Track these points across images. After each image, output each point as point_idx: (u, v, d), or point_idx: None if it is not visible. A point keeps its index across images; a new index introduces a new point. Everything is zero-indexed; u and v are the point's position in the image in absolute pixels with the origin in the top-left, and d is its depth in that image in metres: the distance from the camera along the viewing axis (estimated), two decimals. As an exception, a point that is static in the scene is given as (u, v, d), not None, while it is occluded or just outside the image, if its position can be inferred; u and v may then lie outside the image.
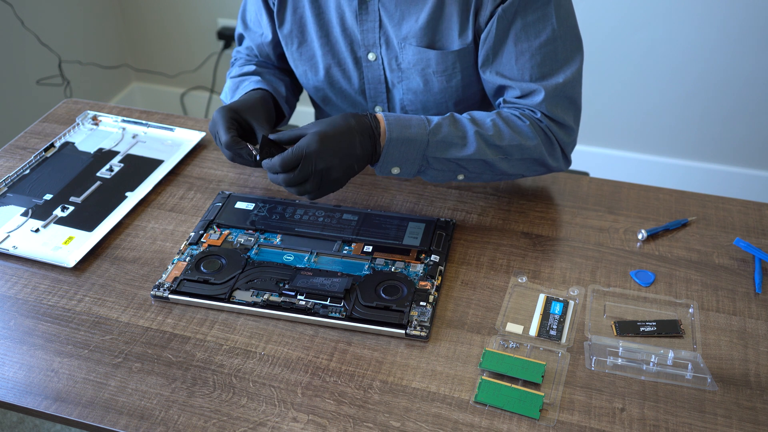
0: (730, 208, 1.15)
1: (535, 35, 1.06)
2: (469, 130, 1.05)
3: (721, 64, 2.24)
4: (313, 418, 0.84)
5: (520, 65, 1.08)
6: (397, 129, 1.02)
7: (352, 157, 1.00)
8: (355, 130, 1.00)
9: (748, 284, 1.02)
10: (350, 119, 1.01)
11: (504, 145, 1.06)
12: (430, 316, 0.95)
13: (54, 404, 0.86)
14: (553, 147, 1.11)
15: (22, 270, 1.04)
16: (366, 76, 1.22)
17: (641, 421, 0.84)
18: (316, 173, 0.99)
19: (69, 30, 2.52)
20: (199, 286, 0.99)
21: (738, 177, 2.42)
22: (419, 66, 1.16)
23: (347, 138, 0.99)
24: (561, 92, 1.09)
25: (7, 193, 1.17)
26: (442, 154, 1.04)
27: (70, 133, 1.32)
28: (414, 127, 1.03)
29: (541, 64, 1.07)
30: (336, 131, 0.99)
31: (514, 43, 1.07)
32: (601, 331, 0.95)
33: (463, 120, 1.06)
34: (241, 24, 1.32)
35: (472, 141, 1.04)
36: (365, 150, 1.01)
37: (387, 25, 1.15)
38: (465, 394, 0.87)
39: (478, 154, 1.05)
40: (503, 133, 1.06)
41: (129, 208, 1.14)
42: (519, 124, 1.08)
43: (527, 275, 1.03)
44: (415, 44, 1.14)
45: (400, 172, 1.05)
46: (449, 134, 1.04)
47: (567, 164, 1.16)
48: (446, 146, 1.04)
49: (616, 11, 2.23)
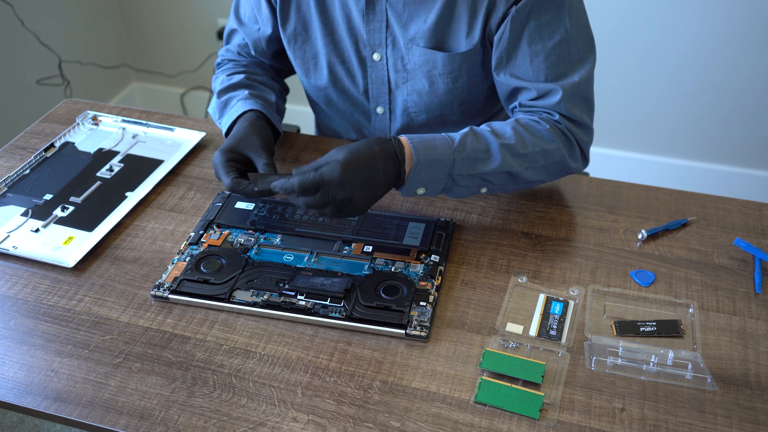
0: (730, 208, 1.15)
1: (549, 36, 1.06)
2: (492, 142, 1.03)
3: (721, 64, 2.24)
4: (313, 418, 0.84)
5: (534, 66, 1.08)
6: (424, 151, 1.00)
7: (374, 184, 0.97)
8: (379, 157, 0.97)
9: (748, 284, 1.02)
10: (374, 146, 0.98)
11: (528, 153, 1.05)
12: (430, 316, 0.95)
13: (54, 404, 0.86)
14: (573, 148, 1.10)
15: (22, 270, 1.04)
16: (370, 76, 1.22)
17: (641, 421, 0.84)
18: (335, 201, 0.96)
19: (69, 30, 2.52)
20: (199, 286, 0.99)
21: (738, 177, 2.42)
22: (425, 67, 1.16)
23: (371, 166, 0.96)
24: (577, 91, 1.09)
25: (7, 193, 1.17)
26: (468, 171, 1.02)
27: (70, 133, 1.32)
28: (439, 148, 1.00)
29: (556, 64, 1.07)
30: (360, 160, 0.96)
31: (528, 44, 1.07)
32: (601, 331, 0.95)
33: (485, 133, 1.05)
34: (234, 20, 1.29)
35: (497, 153, 1.03)
36: (389, 176, 0.99)
37: (394, 26, 1.14)
38: (465, 394, 0.87)
39: (504, 166, 1.04)
40: (525, 141, 1.05)
41: (129, 208, 1.14)
42: (539, 128, 1.07)
43: (527, 275, 1.03)
44: (423, 45, 1.14)
45: (426, 191, 1.03)
46: (473, 150, 1.02)
47: (585, 164, 1.15)
48: (472, 162, 1.02)
49: (616, 11, 2.23)
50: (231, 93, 1.21)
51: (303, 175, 0.96)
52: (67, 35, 2.51)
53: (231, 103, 1.19)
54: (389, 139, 1.00)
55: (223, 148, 1.08)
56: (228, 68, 1.28)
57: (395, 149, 0.99)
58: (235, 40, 1.31)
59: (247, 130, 1.11)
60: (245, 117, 1.14)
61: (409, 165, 0.99)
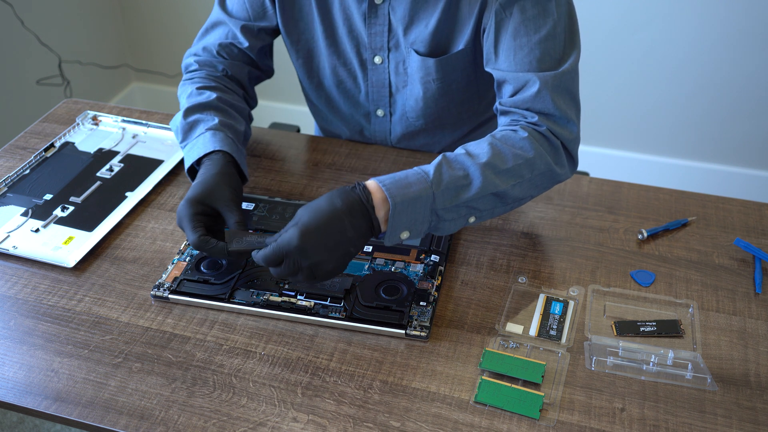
0: (730, 208, 1.15)
1: (535, 30, 1.03)
2: (469, 165, 0.95)
3: (721, 64, 2.24)
4: (313, 418, 0.84)
5: (518, 60, 1.04)
6: (398, 192, 0.91)
7: (343, 243, 0.89)
8: (343, 212, 0.89)
9: (748, 284, 1.02)
10: (336, 201, 0.90)
11: (510, 167, 0.97)
12: (430, 316, 0.95)
13: (54, 404, 0.86)
14: (558, 152, 1.03)
15: (22, 270, 1.04)
16: (370, 79, 1.21)
17: (641, 421, 0.84)
18: (303, 269, 0.89)
19: (69, 30, 2.52)
20: (199, 286, 0.99)
21: (738, 177, 2.42)
22: (420, 73, 1.15)
23: (334, 225, 0.89)
24: (561, 83, 1.03)
25: (7, 193, 1.17)
26: (452, 202, 0.94)
27: (70, 133, 1.32)
28: (414, 185, 0.92)
29: (541, 59, 1.03)
30: (320, 221, 0.88)
31: (513, 37, 1.04)
32: (601, 331, 0.95)
33: (459, 157, 0.97)
34: (220, 12, 1.21)
35: (477, 176, 0.95)
36: (359, 230, 0.90)
37: (396, 29, 1.13)
38: (465, 394, 0.87)
39: (488, 188, 0.95)
40: (505, 155, 0.98)
41: (129, 208, 1.14)
42: (516, 138, 1.00)
43: (527, 275, 1.03)
44: (422, 50, 1.13)
45: (411, 234, 0.94)
46: (451, 178, 0.94)
47: (573, 167, 1.07)
48: (453, 192, 0.94)
49: (616, 11, 2.23)
50: (199, 115, 1.11)
51: (265, 249, 0.90)
52: (67, 35, 2.51)
53: (198, 128, 1.10)
54: (353, 188, 0.92)
55: (191, 198, 0.98)
56: (199, 78, 1.19)
57: (361, 198, 0.90)
58: (217, 34, 1.22)
59: (216, 179, 1.00)
60: (214, 161, 1.04)
61: (384, 209, 0.91)
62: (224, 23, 1.22)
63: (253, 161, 1.26)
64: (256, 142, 1.31)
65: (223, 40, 1.21)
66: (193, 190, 0.99)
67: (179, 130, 1.12)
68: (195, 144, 1.08)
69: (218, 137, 1.07)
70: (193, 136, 1.09)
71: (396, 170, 1.23)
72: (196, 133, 1.09)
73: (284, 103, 2.73)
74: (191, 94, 1.15)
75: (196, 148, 1.07)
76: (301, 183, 1.21)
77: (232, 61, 1.22)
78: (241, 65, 1.23)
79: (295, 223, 0.90)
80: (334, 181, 1.21)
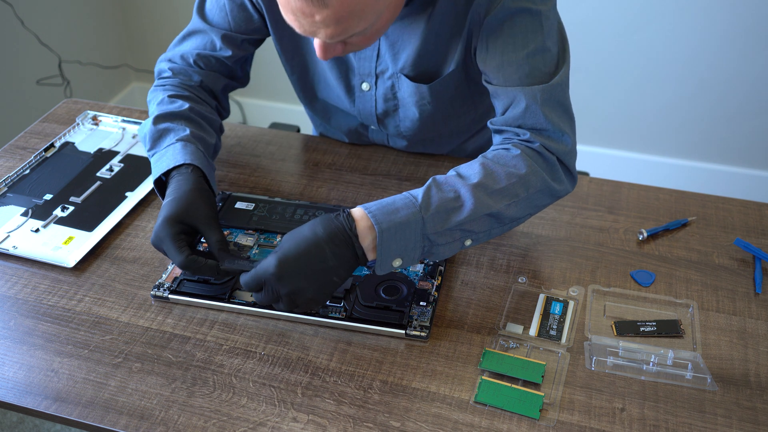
0: (730, 208, 1.15)
1: (523, 46, 0.99)
2: (460, 187, 0.93)
3: (721, 64, 2.24)
4: (313, 418, 0.84)
5: (507, 75, 1.01)
6: (385, 218, 0.88)
7: (324, 271, 0.88)
8: (324, 241, 0.87)
9: (748, 284, 1.02)
10: (318, 229, 0.88)
11: (504, 187, 0.95)
12: (430, 316, 0.95)
13: (54, 404, 0.86)
14: (554, 168, 0.99)
15: (22, 270, 1.04)
16: (357, 106, 1.20)
17: (641, 421, 0.84)
18: (282, 296, 0.88)
19: (69, 30, 2.52)
20: (199, 286, 0.99)
21: (738, 177, 2.42)
22: (414, 98, 1.13)
23: (313, 255, 0.87)
24: (550, 96, 1.00)
25: (7, 193, 1.17)
26: (443, 226, 0.91)
27: (70, 133, 1.32)
28: (402, 210, 0.89)
29: (530, 74, 1.00)
30: (299, 250, 0.87)
31: (501, 53, 1.01)
32: (601, 331, 0.95)
33: (450, 179, 0.95)
34: (199, 21, 1.16)
35: (468, 197, 0.92)
36: (341, 259, 0.88)
37: (385, 55, 1.11)
38: (465, 394, 0.87)
39: (481, 209, 0.93)
40: (497, 175, 0.95)
41: (129, 208, 1.14)
42: (507, 157, 0.97)
43: (527, 275, 1.03)
44: (412, 75, 1.10)
45: (403, 262, 0.91)
46: (441, 200, 0.91)
47: (573, 181, 1.03)
48: (444, 215, 0.91)
49: (617, 12, 2.23)
50: (170, 123, 1.07)
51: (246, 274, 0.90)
52: (67, 35, 2.51)
53: (168, 137, 1.06)
54: (337, 216, 0.89)
55: (169, 217, 0.94)
56: (171, 86, 1.15)
57: (344, 226, 0.88)
58: (195, 43, 1.17)
59: (192, 196, 0.97)
60: (186, 176, 1.00)
61: (370, 237, 0.89)
62: (203, 32, 1.17)
63: (253, 161, 1.26)
64: (256, 142, 1.31)
65: (202, 50, 1.16)
66: (170, 208, 0.95)
67: (147, 136, 1.07)
68: (164, 154, 1.04)
69: (189, 149, 1.03)
70: (163, 146, 1.05)
71: (396, 170, 1.23)
72: (165, 142, 1.06)
73: (284, 103, 2.73)
74: (162, 101, 1.11)
75: (166, 158, 1.03)
76: (301, 183, 1.21)
77: (208, 72, 1.17)
78: (217, 76, 1.19)
79: (276, 250, 0.89)
80: (334, 181, 1.21)
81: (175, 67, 1.17)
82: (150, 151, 1.07)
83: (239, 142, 1.31)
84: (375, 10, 0.87)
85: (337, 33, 0.86)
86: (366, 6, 0.85)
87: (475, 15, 1.01)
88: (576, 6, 2.21)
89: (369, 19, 0.87)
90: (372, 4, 0.85)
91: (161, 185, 1.04)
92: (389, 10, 0.91)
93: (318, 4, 0.82)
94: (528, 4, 0.98)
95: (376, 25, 0.91)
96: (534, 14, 0.99)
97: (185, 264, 0.92)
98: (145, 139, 1.08)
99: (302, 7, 0.83)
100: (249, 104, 2.82)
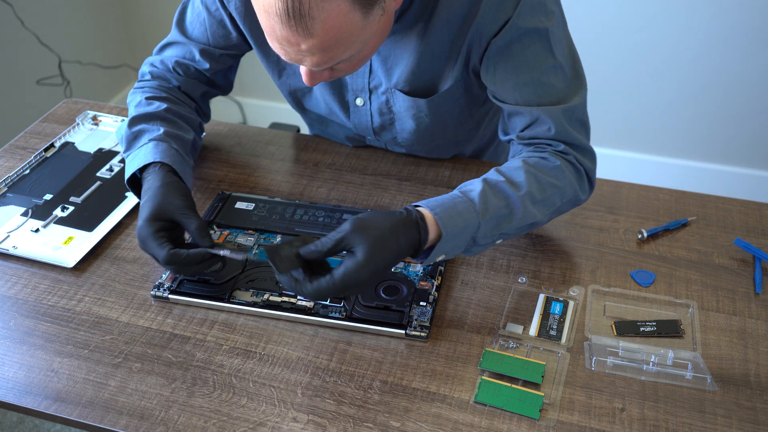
0: (730, 208, 1.15)
1: (536, 66, 1.00)
2: (511, 195, 0.96)
3: (720, 64, 2.24)
4: (313, 418, 0.84)
5: (525, 96, 1.02)
6: (450, 221, 0.91)
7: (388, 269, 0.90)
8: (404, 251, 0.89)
9: (748, 284, 1.02)
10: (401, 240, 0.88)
11: (546, 197, 0.98)
12: (430, 316, 0.95)
13: (54, 404, 0.86)
14: (582, 179, 1.04)
15: (22, 270, 1.04)
16: (353, 121, 1.19)
17: (641, 421, 0.84)
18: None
19: (69, 30, 2.52)
20: (199, 286, 0.99)
21: (738, 177, 2.42)
22: (411, 111, 1.12)
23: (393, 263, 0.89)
24: (573, 114, 1.03)
25: (7, 193, 1.17)
26: (492, 231, 0.95)
27: (70, 133, 1.32)
28: (464, 214, 0.92)
29: (546, 93, 1.01)
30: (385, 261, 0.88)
31: (515, 75, 1.01)
32: (601, 331, 0.95)
33: (501, 185, 0.97)
34: (177, 33, 1.17)
35: (519, 206, 0.96)
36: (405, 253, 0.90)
37: (377, 71, 1.10)
38: (465, 394, 0.87)
39: (526, 219, 0.97)
40: (542, 184, 0.98)
41: (129, 208, 1.14)
42: (549, 167, 1.00)
43: (527, 275, 1.03)
44: (407, 89, 1.09)
45: (446, 256, 0.94)
46: (496, 208, 0.95)
47: (591, 191, 1.07)
48: (495, 222, 0.95)
49: (617, 11, 2.23)
50: (145, 125, 1.09)
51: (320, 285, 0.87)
52: (67, 35, 2.51)
53: (142, 138, 1.07)
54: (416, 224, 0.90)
55: (147, 217, 0.95)
56: (149, 88, 1.16)
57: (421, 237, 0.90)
58: (174, 51, 1.18)
59: (163, 191, 0.98)
60: (154, 174, 1.01)
61: (434, 234, 0.91)
62: (182, 44, 1.17)
63: (253, 161, 1.26)
64: (255, 142, 1.31)
65: (180, 59, 1.17)
66: (146, 209, 0.96)
67: (124, 139, 1.09)
68: (137, 155, 1.05)
69: (160, 148, 1.04)
70: (136, 146, 1.06)
71: (396, 170, 1.23)
72: (139, 143, 1.07)
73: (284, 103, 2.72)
74: (140, 103, 1.12)
75: (137, 158, 1.04)
76: (301, 183, 1.21)
77: (187, 79, 1.18)
78: (196, 83, 1.19)
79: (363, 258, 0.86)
80: (334, 181, 1.21)
81: (154, 71, 1.18)
82: (125, 152, 1.08)
83: (239, 142, 1.31)
84: (361, 39, 0.87)
85: (323, 61, 0.87)
86: (352, 35, 0.84)
87: (476, 33, 1.00)
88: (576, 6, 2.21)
89: (355, 47, 0.87)
90: (358, 33, 0.85)
91: (138, 187, 1.05)
92: (375, 37, 0.91)
93: (304, 33, 0.81)
94: (534, 24, 0.98)
95: (363, 52, 0.91)
96: (541, 33, 0.99)
97: (168, 258, 0.92)
98: (122, 141, 1.09)
99: (288, 36, 0.83)
100: (249, 104, 2.82)
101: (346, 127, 1.23)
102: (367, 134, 1.22)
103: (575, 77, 1.04)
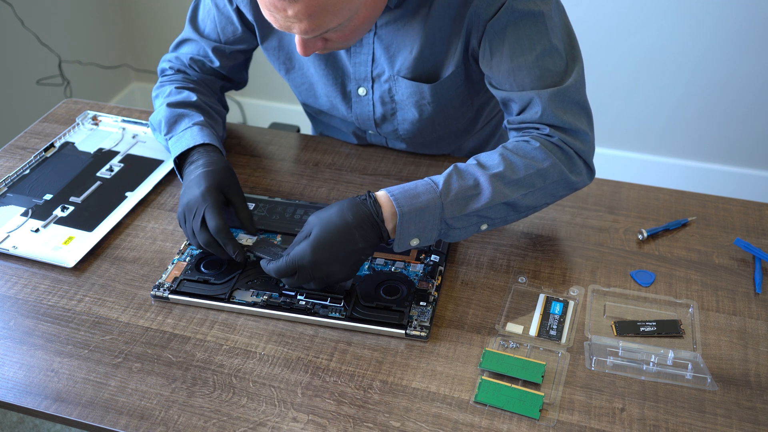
0: (730, 208, 1.15)
1: (530, 48, 1.00)
2: (479, 176, 0.97)
3: (721, 64, 2.24)
4: (313, 418, 0.84)
5: (519, 80, 1.02)
6: (407, 202, 0.93)
7: (353, 253, 0.93)
8: (353, 225, 0.92)
9: (748, 284, 1.02)
10: (347, 215, 0.93)
11: (521, 177, 0.98)
12: (430, 316, 0.95)
13: (54, 404, 0.86)
14: (572, 161, 1.03)
15: (22, 270, 1.04)
16: (355, 112, 1.20)
17: (641, 421, 0.84)
18: (316, 279, 0.93)
19: (69, 30, 2.52)
20: (199, 286, 0.99)
21: (738, 177, 2.42)
22: (414, 98, 1.13)
23: (345, 239, 0.92)
24: (566, 97, 1.02)
25: (7, 193, 1.17)
26: (460, 212, 0.96)
27: (70, 133, 1.32)
28: (423, 195, 0.94)
29: (541, 77, 1.01)
30: (332, 236, 0.92)
31: (510, 58, 1.02)
32: (601, 331, 0.95)
33: (470, 168, 0.98)
34: (191, 30, 1.21)
35: (486, 186, 0.96)
36: (368, 241, 0.94)
37: (380, 59, 1.11)
38: (465, 394, 0.87)
39: (498, 198, 0.97)
40: (516, 165, 0.98)
41: (129, 208, 1.14)
42: (528, 149, 1.00)
43: (527, 275, 1.03)
44: (410, 77, 1.10)
45: (420, 242, 0.96)
46: (461, 188, 0.96)
47: (591, 176, 1.07)
48: (462, 202, 0.96)
49: (616, 11, 2.23)
50: (183, 110, 1.13)
51: (278, 261, 0.94)
52: (67, 35, 2.51)
53: (183, 122, 1.11)
54: (364, 201, 0.94)
55: (210, 187, 1.00)
56: (176, 79, 1.21)
57: (371, 211, 0.94)
58: (188, 49, 1.23)
59: (228, 172, 1.04)
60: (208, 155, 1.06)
61: (393, 221, 0.94)
62: (195, 41, 1.21)
63: (253, 161, 1.26)
64: (255, 142, 1.31)
65: (195, 56, 1.22)
66: (207, 180, 1.01)
67: (163, 122, 1.13)
68: (182, 136, 1.09)
69: (206, 132, 1.09)
70: (179, 129, 1.11)
71: (396, 170, 1.23)
72: (181, 126, 1.11)
73: (284, 103, 2.73)
74: (171, 93, 1.17)
75: (185, 139, 1.08)
76: (301, 183, 1.21)
77: (203, 75, 1.23)
78: (212, 79, 1.24)
79: (306, 236, 0.94)
80: (334, 181, 1.21)
81: (174, 66, 1.24)
82: (166, 135, 1.13)
83: (239, 142, 1.31)
84: (349, 7, 0.89)
85: (311, 28, 0.89)
86: (338, 1, 0.87)
87: (474, 17, 1.01)
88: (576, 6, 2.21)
89: (343, 15, 0.90)
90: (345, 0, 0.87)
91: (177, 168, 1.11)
92: (366, 8, 0.93)
93: None
94: (530, 6, 0.99)
95: (354, 22, 0.93)
96: (537, 16, 0.99)
97: (218, 228, 0.97)
98: (160, 124, 1.14)
99: (275, 2, 0.86)
100: (249, 104, 2.82)
101: (348, 121, 1.24)
102: (369, 127, 1.22)
103: (572, 61, 1.04)
